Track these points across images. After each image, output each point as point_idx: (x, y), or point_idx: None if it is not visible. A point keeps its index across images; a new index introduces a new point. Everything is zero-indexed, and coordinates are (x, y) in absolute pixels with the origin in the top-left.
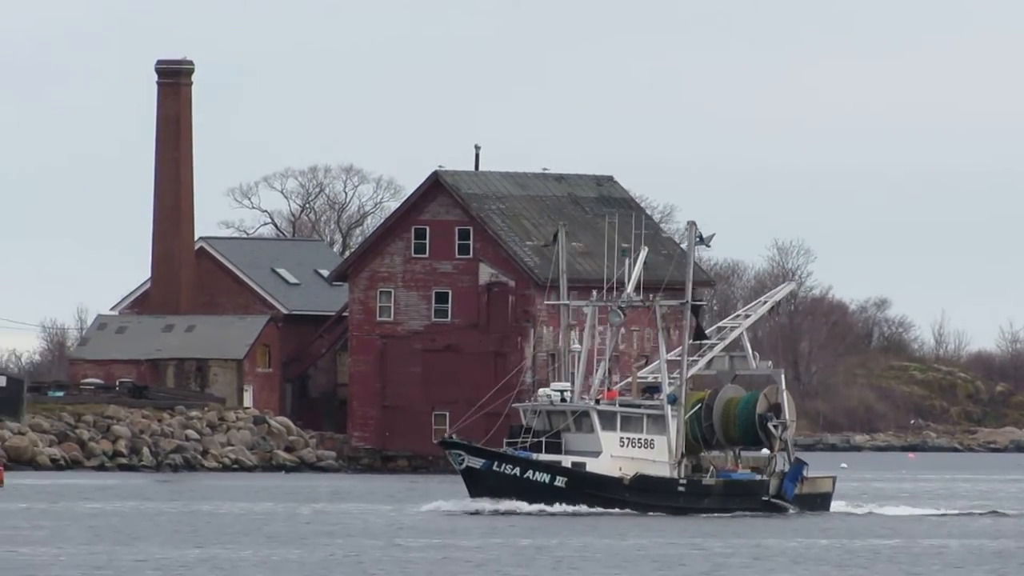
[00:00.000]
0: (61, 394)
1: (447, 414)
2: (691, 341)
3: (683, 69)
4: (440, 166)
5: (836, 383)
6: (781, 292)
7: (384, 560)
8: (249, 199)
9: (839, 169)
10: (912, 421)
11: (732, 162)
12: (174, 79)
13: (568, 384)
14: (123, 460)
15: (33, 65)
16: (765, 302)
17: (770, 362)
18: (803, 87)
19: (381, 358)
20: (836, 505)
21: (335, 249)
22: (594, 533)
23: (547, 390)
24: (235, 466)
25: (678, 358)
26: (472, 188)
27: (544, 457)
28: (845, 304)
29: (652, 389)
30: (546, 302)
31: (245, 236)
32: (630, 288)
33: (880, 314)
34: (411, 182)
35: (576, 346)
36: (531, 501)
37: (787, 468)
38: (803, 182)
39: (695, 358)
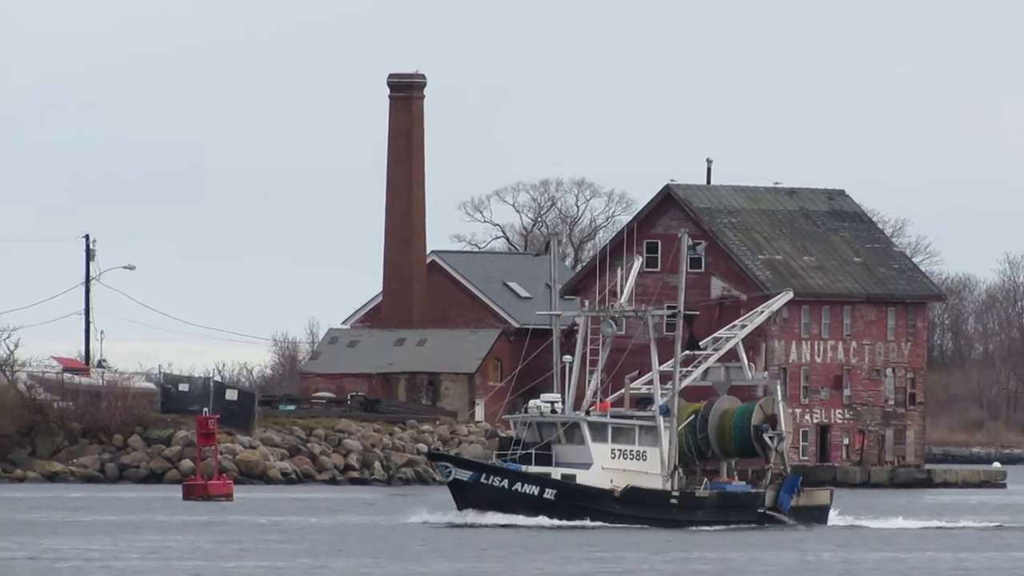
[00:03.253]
0: (292, 408)
1: None
2: (683, 352)
3: (914, 83)
4: (672, 180)
5: None
6: (778, 302)
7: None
8: (481, 213)
9: None
10: None
11: (964, 176)
12: (406, 92)
13: (558, 395)
14: (354, 474)
15: (264, 79)
16: (762, 312)
17: (766, 372)
18: None
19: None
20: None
21: (567, 263)
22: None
23: (537, 402)
24: None
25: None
26: (704, 202)
27: (533, 469)
28: None
29: (645, 400)
30: (537, 312)
31: (476, 250)
32: (623, 298)
33: None
34: (643, 196)
35: (568, 357)
36: (519, 514)
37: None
38: None
39: (690, 368)
